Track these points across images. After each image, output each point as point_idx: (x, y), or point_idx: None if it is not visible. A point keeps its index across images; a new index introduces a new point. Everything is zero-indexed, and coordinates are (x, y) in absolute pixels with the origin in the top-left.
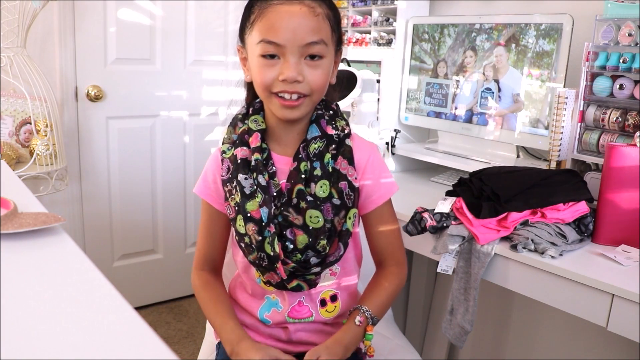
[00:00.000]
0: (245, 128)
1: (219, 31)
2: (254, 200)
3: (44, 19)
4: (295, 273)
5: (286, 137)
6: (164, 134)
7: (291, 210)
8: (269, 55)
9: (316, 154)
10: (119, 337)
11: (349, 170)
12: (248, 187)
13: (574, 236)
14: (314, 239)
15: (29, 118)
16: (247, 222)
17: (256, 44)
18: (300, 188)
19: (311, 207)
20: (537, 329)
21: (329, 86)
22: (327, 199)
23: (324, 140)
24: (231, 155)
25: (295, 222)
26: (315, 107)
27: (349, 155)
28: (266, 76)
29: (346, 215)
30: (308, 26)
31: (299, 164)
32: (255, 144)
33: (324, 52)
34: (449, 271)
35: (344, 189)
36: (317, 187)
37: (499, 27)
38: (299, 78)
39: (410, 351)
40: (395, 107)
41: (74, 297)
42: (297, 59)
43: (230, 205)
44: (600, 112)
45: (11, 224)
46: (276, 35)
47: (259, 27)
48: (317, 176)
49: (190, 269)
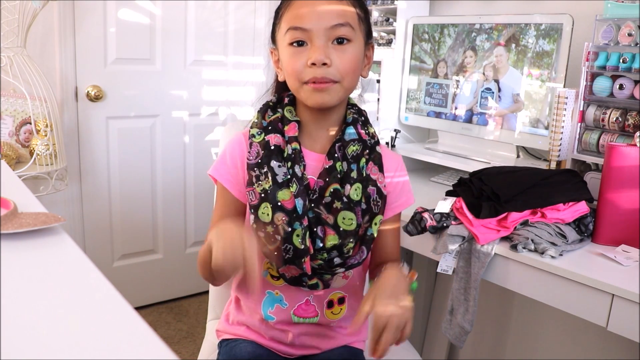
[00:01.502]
0: (278, 116)
1: (219, 31)
2: (287, 190)
3: (44, 19)
4: (317, 270)
5: (316, 133)
6: (164, 134)
7: (322, 209)
8: (297, 42)
9: (354, 157)
10: (119, 337)
11: (379, 176)
12: (281, 175)
13: (574, 236)
14: (344, 240)
15: (29, 118)
16: (275, 210)
17: (284, 34)
18: (337, 188)
19: (345, 209)
20: (537, 329)
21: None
22: (359, 202)
23: (361, 144)
24: (262, 140)
25: (327, 220)
26: (349, 109)
27: (379, 162)
28: (296, 63)
29: (371, 221)
30: (333, 10)
31: (335, 163)
32: (293, 133)
33: (351, 35)
34: (449, 271)
35: (372, 195)
36: (352, 189)
37: (499, 27)
38: (326, 61)
39: (410, 351)
40: (395, 107)
41: (74, 297)
42: (324, 43)
43: (255, 191)
44: (600, 112)
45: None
46: (302, 21)
47: (286, 18)
48: (353, 179)
49: (191, 268)
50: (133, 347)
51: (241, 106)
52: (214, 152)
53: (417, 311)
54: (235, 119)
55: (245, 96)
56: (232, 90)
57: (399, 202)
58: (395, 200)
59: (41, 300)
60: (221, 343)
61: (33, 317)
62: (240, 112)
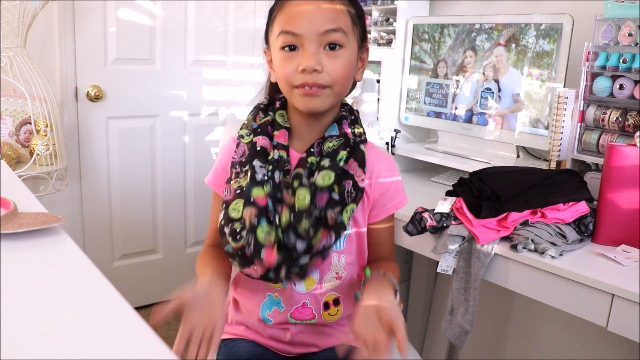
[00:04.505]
0: (269, 119)
1: (219, 31)
2: (261, 188)
3: (44, 19)
4: (282, 264)
5: (308, 136)
6: (164, 134)
7: (287, 192)
8: (288, 47)
9: (329, 153)
10: (119, 337)
11: (357, 171)
12: (260, 175)
13: (574, 236)
14: (297, 218)
15: (29, 118)
16: (247, 205)
17: (276, 38)
18: (299, 172)
19: (301, 187)
20: (537, 329)
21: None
22: (326, 189)
23: (341, 139)
24: (249, 141)
25: (286, 200)
26: (339, 107)
27: (361, 159)
28: (287, 68)
29: (342, 210)
30: (325, 15)
31: (308, 156)
32: (283, 141)
33: (344, 41)
34: (449, 271)
35: (347, 187)
36: (319, 175)
37: (499, 27)
38: (317, 67)
39: (410, 351)
40: (395, 107)
41: (74, 297)
42: (316, 49)
43: (232, 187)
44: (600, 112)
45: (11, 224)
46: (294, 25)
47: (278, 21)
48: (323, 167)
49: (191, 268)
50: (133, 347)
51: (241, 106)
52: (213, 152)
53: (417, 311)
54: (235, 118)
55: (245, 96)
56: (232, 90)
57: (392, 203)
58: (388, 202)
59: (41, 300)
60: (220, 343)
61: (33, 317)
62: (240, 112)
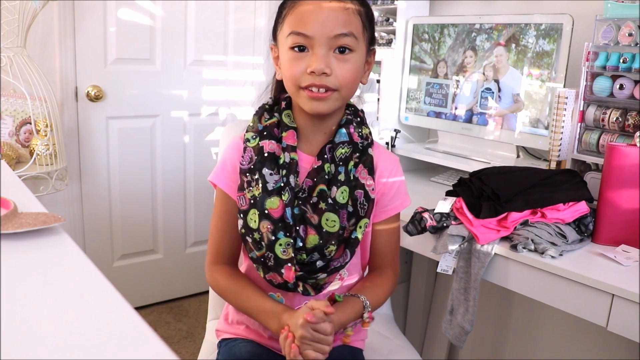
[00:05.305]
0: (275, 121)
1: (219, 31)
2: (276, 198)
3: (44, 19)
4: (300, 277)
5: (313, 137)
6: (164, 134)
7: (308, 207)
8: (298, 47)
9: (342, 159)
10: (119, 337)
11: (367, 180)
12: (272, 183)
13: (574, 236)
14: (325, 242)
15: (29, 118)
16: (262, 218)
17: (286, 37)
18: (323, 189)
19: (330, 210)
20: (537, 329)
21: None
22: (345, 205)
23: (351, 146)
24: (256, 145)
25: (311, 220)
26: (345, 110)
27: (370, 165)
28: (295, 69)
29: (356, 224)
30: (337, 18)
31: (323, 164)
32: (292, 142)
33: (354, 45)
34: (449, 271)
35: (359, 198)
36: (338, 191)
37: (499, 27)
38: (326, 70)
39: (410, 351)
40: (395, 107)
41: (74, 297)
42: (326, 52)
43: (246, 196)
44: (600, 112)
45: (11, 224)
46: (305, 27)
47: (289, 21)
48: (340, 181)
49: (191, 268)
50: (133, 347)
51: (241, 106)
52: (214, 152)
53: (417, 311)
54: (235, 119)
55: (246, 96)
56: (232, 90)
57: (394, 204)
58: (390, 202)
59: (41, 300)
60: (220, 343)
61: (33, 317)
62: (240, 112)
